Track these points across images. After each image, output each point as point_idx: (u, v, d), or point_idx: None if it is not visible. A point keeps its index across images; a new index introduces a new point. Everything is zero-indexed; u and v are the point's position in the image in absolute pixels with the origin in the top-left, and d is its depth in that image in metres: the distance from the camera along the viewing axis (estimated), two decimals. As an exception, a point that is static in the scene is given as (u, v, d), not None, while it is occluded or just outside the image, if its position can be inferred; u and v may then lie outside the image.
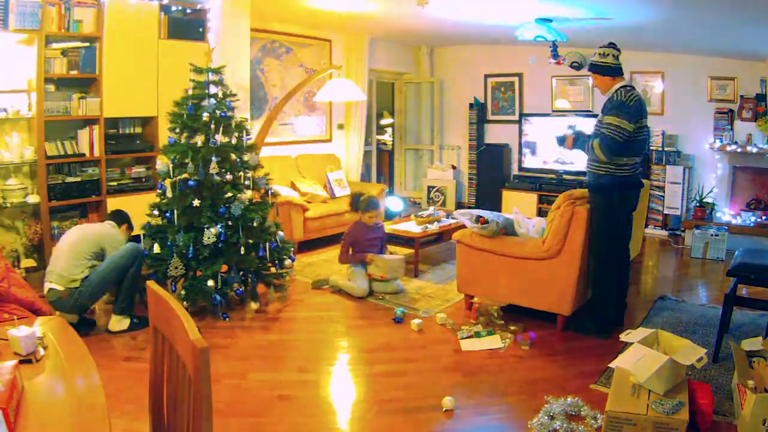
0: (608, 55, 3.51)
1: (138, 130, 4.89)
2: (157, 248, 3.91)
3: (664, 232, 6.46)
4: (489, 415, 2.75)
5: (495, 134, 7.87)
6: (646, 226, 6.30)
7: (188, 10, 4.89)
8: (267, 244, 4.09)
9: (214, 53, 4.42)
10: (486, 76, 7.87)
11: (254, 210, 4.03)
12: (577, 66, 6.89)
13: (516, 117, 7.59)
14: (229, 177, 3.94)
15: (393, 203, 6.98)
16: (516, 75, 7.62)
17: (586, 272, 3.66)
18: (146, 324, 3.32)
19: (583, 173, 6.86)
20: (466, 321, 3.90)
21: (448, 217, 5.67)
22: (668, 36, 5.62)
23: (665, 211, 6.45)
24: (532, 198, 7.02)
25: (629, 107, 3.38)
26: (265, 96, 6.34)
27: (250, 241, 4.01)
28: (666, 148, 6.42)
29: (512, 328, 3.71)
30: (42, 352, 1.71)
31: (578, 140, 3.73)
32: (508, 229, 4.02)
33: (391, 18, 5.96)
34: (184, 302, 3.82)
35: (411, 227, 5.30)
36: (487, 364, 3.28)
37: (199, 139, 3.85)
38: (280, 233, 4.30)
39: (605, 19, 4.89)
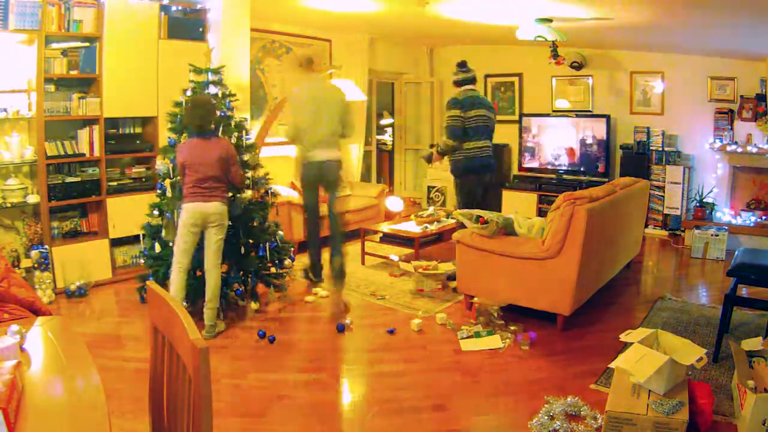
0: (456, 73, 4.79)
1: (138, 130, 4.89)
2: (157, 248, 3.91)
3: (664, 232, 6.46)
4: (489, 415, 2.76)
5: (495, 134, 7.85)
6: (646, 226, 6.29)
7: (188, 10, 4.89)
8: (267, 244, 4.09)
9: (213, 53, 4.42)
10: (486, 76, 7.87)
11: (254, 210, 4.03)
12: (577, 66, 6.89)
13: (516, 117, 7.59)
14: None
15: (393, 203, 6.98)
16: (516, 75, 7.62)
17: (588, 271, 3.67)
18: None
19: (582, 173, 6.88)
20: (466, 321, 3.90)
21: (448, 217, 5.67)
22: (668, 36, 5.62)
23: (665, 211, 6.45)
24: (532, 198, 7.02)
25: (458, 101, 4.63)
26: (265, 96, 6.34)
27: (251, 241, 4.01)
28: (666, 148, 6.42)
29: (512, 328, 3.72)
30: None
31: (440, 147, 4.76)
32: (508, 229, 4.02)
33: (391, 18, 5.95)
34: (184, 302, 3.82)
35: (411, 227, 5.30)
36: (487, 364, 3.28)
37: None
38: (280, 233, 4.30)
39: (605, 19, 4.89)
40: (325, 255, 4.64)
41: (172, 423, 1.51)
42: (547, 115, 7.24)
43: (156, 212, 3.98)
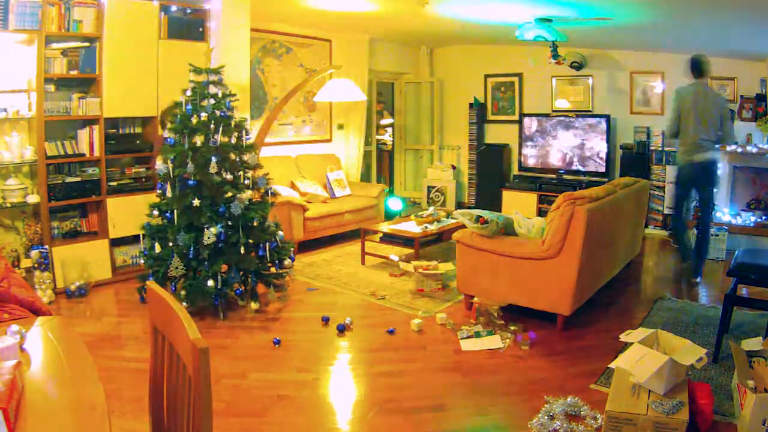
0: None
1: (138, 130, 4.89)
2: (157, 248, 3.92)
3: (664, 232, 6.46)
4: (489, 415, 2.76)
5: (495, 134, 7.87)
6: (646, 226, 6.29)
7: (188, 10, 4.89)
8: (267, 244, 4.09)
9: (213, 53, 4.42)
10: (486, 76, 7.87)
11: (254, 210, 4.03)
12: (577, 66, 6.89)
13: (516, 117, 7.60)
14: (229, 177, 3.95)
15: (393, 203, 6.98)
16: (516, 75, 7.62)
17: (590, 270, 3.67)
18: None
19: (582, 173, 6.87)
20: (466, 321, 3.90)
21: (448, 217, 5.67)
22: (668, 36, 5.62)
23: (665, 211, 6.45)
24: (532, 198, 7.02)
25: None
26: (265, 96, 6.34)
27: (251, 241, 4.01)
28: (666, 148, 6.42)
29: (512, 328, 3.72)
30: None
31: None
32: (508, 229, 4.02)
33: (391, 18, 5.95)
34: (184, 302, 3.82)
35: (411, 227, 5.30)
36: (487, 364, 3.28)
37: (198, 139, 3.85)
38: (280, 233, 4.30)
39: (605, 19, 4.89)
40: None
41: (172, 423, 1.51)
42: (547, 115, 7.24)
43: (156, 212, 3.98)
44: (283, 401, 2.85)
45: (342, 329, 3.73)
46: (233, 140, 3.97)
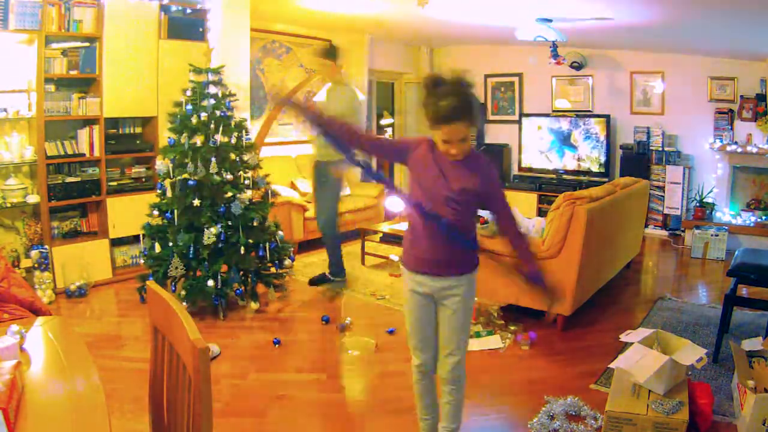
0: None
1: (138, 130, 4.89)
2: (157, 248, 3.92)
3: (664, 232, 6.46)
4: (489, 415, 2.76)
5: (495, 134, 7.87)
6: (646, 226, 6.29)
7: (188, 10, 4.89)
8: (267, 244, 4.09)
9: (213, 53, 4.43)
10: (486, 76, 7.87)
11: (254, 210, 4.03)
12: (577, 66, 6.88)
13: (516, 117, 7.59)
14: (229, 177, 3.95)
15: (393, 203, 6.97)
16: (516, 75, 7.62)
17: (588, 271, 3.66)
18: None
19: (582, 173, 6.87)
20: (466, 321, 3.89)
21: (448, 217, 5.66)
22: (668, 36, 5.61)
23: (665, 211, 6.45)
24: (532, 198, 7.02)
25: None
26: (265, 96, 6.33)
27: (250, 241, 4.01)
28: (666, 148, 6.42)
29: (512, 328, 3.72)
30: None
31: None
32: (508, 229, 4.01)
33: (391, 18, 5.95)
34: (184, 302, 3.82)
35: (411, 227, 5.29)
36: (487, 364, 3.28)
37: (198, 139, 3.85)
38: (280, 233, 4.30)
39: (605, 19, 4.89)
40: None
41: (172, 423, 1.51)
42: (547, 115, 7.24)
43: (156, 212, 3.99)
44: (283, 401, 2.85)
45: (342, 329, 3.73)
46: (233, 140, 3.97)
